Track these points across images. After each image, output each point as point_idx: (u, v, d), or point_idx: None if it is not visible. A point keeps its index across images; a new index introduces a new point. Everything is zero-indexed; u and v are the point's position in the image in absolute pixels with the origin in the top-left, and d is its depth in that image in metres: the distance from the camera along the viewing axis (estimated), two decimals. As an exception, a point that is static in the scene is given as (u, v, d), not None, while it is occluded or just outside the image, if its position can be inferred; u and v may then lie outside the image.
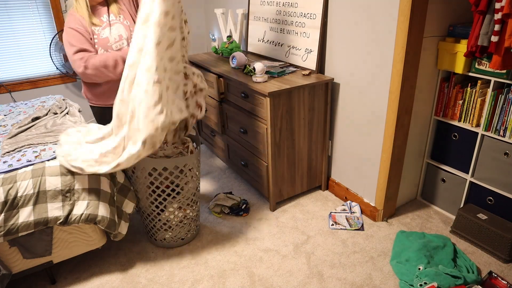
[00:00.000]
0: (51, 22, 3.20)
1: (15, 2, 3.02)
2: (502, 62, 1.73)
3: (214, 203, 2.49)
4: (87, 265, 2.07)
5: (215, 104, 2.78)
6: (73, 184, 1.75)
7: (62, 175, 1.73)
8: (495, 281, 1.83)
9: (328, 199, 2.60)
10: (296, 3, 2.48)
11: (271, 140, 2.25)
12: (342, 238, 2.21)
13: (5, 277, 1.70)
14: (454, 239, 2.17)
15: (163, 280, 1.96)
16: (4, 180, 1.65)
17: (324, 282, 1.90)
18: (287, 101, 2.22)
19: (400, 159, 2.22)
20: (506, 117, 1.93)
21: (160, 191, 1.96)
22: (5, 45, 3.08)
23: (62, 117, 2.23)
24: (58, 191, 1.72)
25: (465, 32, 2.01)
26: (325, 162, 2.59)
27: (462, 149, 2.20)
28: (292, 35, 2.58)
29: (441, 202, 2.41)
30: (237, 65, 2.60)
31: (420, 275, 1.80)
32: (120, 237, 1.94)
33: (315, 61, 2.40)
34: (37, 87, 3.29)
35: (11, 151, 1.83)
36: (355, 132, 2.35)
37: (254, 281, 1.93)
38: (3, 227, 1.64)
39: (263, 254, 2.11)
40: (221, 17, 3.24)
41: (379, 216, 2.33)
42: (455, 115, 2.20)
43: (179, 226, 2.11)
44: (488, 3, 1.70)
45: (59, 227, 1.80)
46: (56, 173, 1.72)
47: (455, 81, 2.15)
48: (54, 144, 1.90)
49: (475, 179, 2.17)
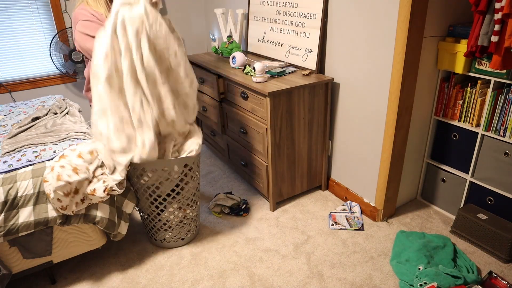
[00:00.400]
0: (51, 22, 3.19)
1: (15, 2, 3.02)
2: (502, 62, 1.73)
3: (214, 203, 2.49)
4: (87, 265, 2.07)
5: (215, 104, 2.78)
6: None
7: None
8: (495, 281, 1.83)
9: (328, 199, 2.60)
10: (296, 3, 2.49)
11: (271, 140, 2.25)
12: (342, 238, 2.21)
13: (5, 277, 1.70)
14: (454, 239, 2.17)
15: (163, 280, 1.96)
16: (4, 180, 1.65)
17: (324, 282, 1.90)
18: (287, 101, 2.22)
19: (400, 159, 2.22)
20: (506, 117, 1.93)
21: (160, 191, 1.96)
22: (5, 45, 3.08)
23: (62, 117, 2.23)
24: (58, 191, 1.72)
25: (465, 32, 2.01)
26: (325, 162, 2.59)
27: (462, 149, 2.20)
28: (292, 35, 2.58)
29: (441, 202, 2.41)
30: (237, 65, 2.60)
31: (420, 275, 1.80)
32: (120, 237, 1.95)
33: (315, 61, 2.40)
34: (37, 87, 3.29)
35: (11, 151, 1.83)
36: (355, 132, 2.35)
37: (254, 281, 1.93)
38: (3, 227, 1.64)
39: (263, 254, 2.11)
40: (221, 17, 3.24)
41: (379, 216, 2.33)
42: (455, 115, 2.20)
43: (179, 226, 2.11)
44: (488, 3, 1.70)
45: (59, 227, 1.80)
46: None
47: (455, 81, 2.15)
48: (55, 144, 1.90)
49: (475, 179, 2.17)
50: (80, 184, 1.70)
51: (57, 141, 1.92)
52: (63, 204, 1.68)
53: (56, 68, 3.31)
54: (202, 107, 3.04)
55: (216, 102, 2.75)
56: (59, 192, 1.64)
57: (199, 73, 2.92)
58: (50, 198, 1.65)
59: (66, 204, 1.68)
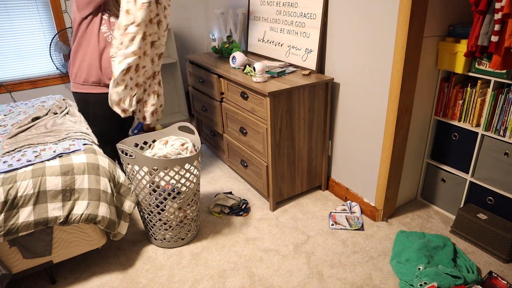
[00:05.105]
0: (51, 22, 3.20)
1: (15, 2, 3.02)
2: (502, 62, 1.73)
3: (214, 203, 2.49)
4: (87, 265, 2.07)
5: (215, 104, 2.78)
6: (73, 184, 1.75)
7: (62, 175, 1.73)
8: (495, 281, 1.83)
9: (328, 199, 2.60)
10: (296, 3, 2.49)
11: (271, 140, 2.25)
12: (342, 238, 2.21)
13: (5, 277, 1.70)
14: (454, 239, 2.17)
15: (163, 280, 1.96)
16: (4, 180, 1.65)
17: (324, 282, 1.90)
18: (287, 101, 2.23)
19: (400, 159, 2.22)
20: (506, 117, 1.93)
21: (161, 191, 1.96)
22: (5, 45, 3.08)
23: (62, 117, 2.23)
24: (58, 191, 1.72)
25: (465, 32, 2.01)
26: (325, 162, 2.59)
27: (462, 149, 2.20)
28: (292, 35, 2.58)
29: (441, 202, 2.41)
30: (237, 65, 2.60)
31: (420, 275, 1.80)
32: (119, 237, 1.95)
33: (315, 61, 2.40)
34: (37, 87, 3.29)
35: (11, 151, 1.83)
36: (355, 132, 2.35)
37: (254, 281, 1.93)
38: (3, 227, 1.64)
39: (263, 254, 2.11)
40: (221, 17, 3.24)
41: (379, 216, 2.33)
42: (455, 115, 2.20)
43: (179, 226, 2.11)
44: (488, 3, 1.70)
45: (59, 227, 1.80)
46: (56, 173, 1.72)
47: (455, 81, 2.15)
48: (54, 144, 1.90)
49: (475, 179, 2.17)
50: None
51: (57, 141, 1.92)
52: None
53: (56, 68, 3.31)
54: (202, 107, 3.04)
55: (216, 102, 2.75)
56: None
57: (199, 73, 2.92)
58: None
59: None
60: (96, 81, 2.22)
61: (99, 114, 2.32)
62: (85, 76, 2.21)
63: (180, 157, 1.93)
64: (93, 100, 2.27)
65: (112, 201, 1.86)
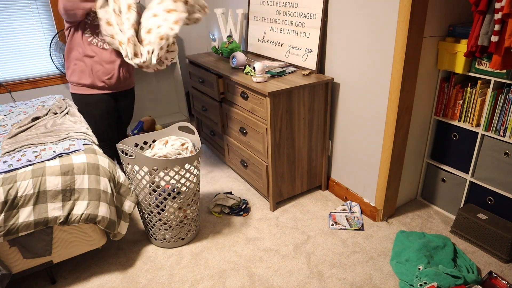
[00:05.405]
0: (51, 22, 3.20)
1: (15, 2, 3.02)
2: (502, 62, 1.73)
3: (214, 203, 2.49)
4: (87, 265, 2.07)
5: (215, 104, 2.78)
6: (73, 184, 1.75)
7: (62, 175, 1.73)
8: (495, 281, 1.83)
9: (328, 199, 2.60)
10: (296, 3, 2.49)
11: (271, 140, 2.25)
12: (342, 238, 2.21)
13: (5, 277, 1.70)
14: (454, 239, 2.17)
15: (163, 280, 1.96)
16: (4, 180, 1.65)
17: (324, 282, 1.90)
18: (287, 101, 2.23)
19: (400, 159, 2.22)
20: (506, 117, 1.93)
21: (161, 191, 1.96)
22: (5, 45, 3.09)
23: (62, 117, 2.23)
24: (58, 191, 1.72)
25: (465, 32, 2.01)
26: (325, 162, 2.59)
27: (462, 149, 2.20)
28: (292, 35, 2.58)
29: (441, 202, 2.41)
30: (237, 65, 2.60)
31: (420, 275, 1.80)
32: (119, 237, 1.95)
33: (315, 61, 2.40)
34: (37, 87, 3.29)
35: (11, 151, 1.83)
36: (355, 132, 2.35)
37: (254, 281, 1.93)
38: (3, 227, 1.64)
39: (263, 254, 2.11)
40: (221, 17, 3.24)
41: (379, 216, 2.33)
42: (455, 115, 2.20)
43: (179, 226, 2.11)
44: (488, 3, 1.70)
45: (59, 227, 1.80)
46: (57, 173, 1.72)
47: (455, 81, 2.15)
48: (54, 144, 1.90)
49: (475, 179, 2.17)
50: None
51: (57, 141, 1.92)
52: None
53: (56, 68, 3.31)
54: (202, 107, 3.04)
55: (216, 102, 2.75)
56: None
57: (199, 73, 2.93)
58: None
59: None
60: (89, 84, 2.30)
61: (95, 113, 2.38)
62: (78, 79, 2.29)
63: (180, 157, 1.93)
64: (89, 100, 2.34)
65: (112, 201, 1.86)
